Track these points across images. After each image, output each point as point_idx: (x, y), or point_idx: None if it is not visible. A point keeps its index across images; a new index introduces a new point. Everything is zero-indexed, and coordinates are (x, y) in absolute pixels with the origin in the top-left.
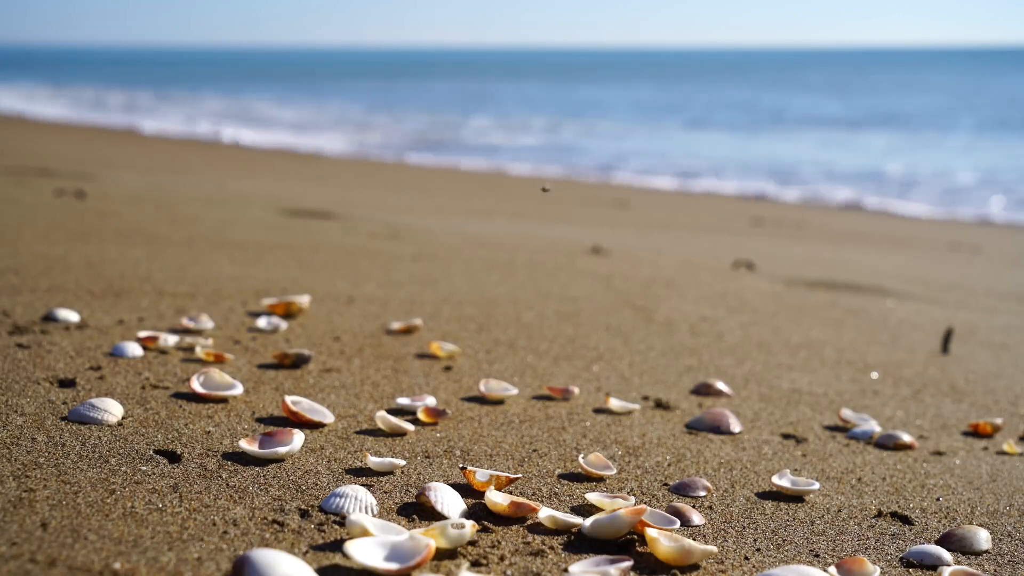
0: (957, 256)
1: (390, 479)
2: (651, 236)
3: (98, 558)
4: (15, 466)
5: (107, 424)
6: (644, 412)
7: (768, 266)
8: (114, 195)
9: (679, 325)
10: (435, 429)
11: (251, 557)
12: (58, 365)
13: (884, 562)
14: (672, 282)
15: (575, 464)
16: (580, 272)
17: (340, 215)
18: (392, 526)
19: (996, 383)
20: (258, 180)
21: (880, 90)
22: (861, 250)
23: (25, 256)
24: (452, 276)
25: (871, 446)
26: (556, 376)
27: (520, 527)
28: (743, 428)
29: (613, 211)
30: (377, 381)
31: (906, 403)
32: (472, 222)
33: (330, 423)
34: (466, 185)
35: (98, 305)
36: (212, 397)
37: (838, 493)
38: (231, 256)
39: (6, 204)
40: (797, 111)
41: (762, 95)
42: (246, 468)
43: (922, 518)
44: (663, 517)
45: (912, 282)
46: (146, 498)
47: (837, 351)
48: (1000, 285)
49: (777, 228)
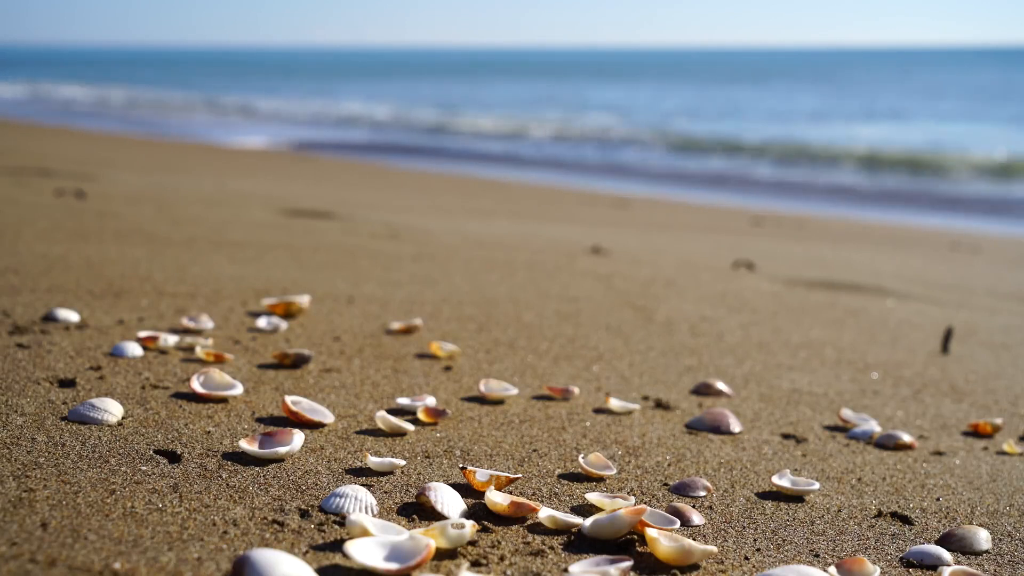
0: (957, 256)
1: (390, 479)
2: (651, 236)
3: (98, 558)
4: (15, 466)
5: (107, 424)
6: (644, 412)
7: (768, 266)
8: (114, 195)
9: (679, 325)
10: (435, 429)
11: (251, 557)
12: (58, 365)
13: (884, 562)
14: (672, 282)
15: (575, 464)
16: (580, 272)
17: (340, 215)
18: (392, 526)
19: (996, 383)
20: (258, 180)
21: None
22: (861, 250)
23: (25, 256)
24: (452, 276)
25: (871, 446)
26: (556, 376)
27: (520, 527)
28: (743, 428)
29: (613, 211)
30: (377, 381)
31: (906, 403)
32: (472, 222)
33: (330, 423)
34: (466, 185)
35: (98, 305)
36: (212, 397)
37: (838, 493)
38: (231, 256)
39: (6, 204)
40: (801, 110)
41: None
42: (246, 468)
43: (922, 518)
44: (663, 517)
45: (912, 282)
46: (146, 498)
47: (837, 351)
48: (1000, 285)
49: (777, 228)
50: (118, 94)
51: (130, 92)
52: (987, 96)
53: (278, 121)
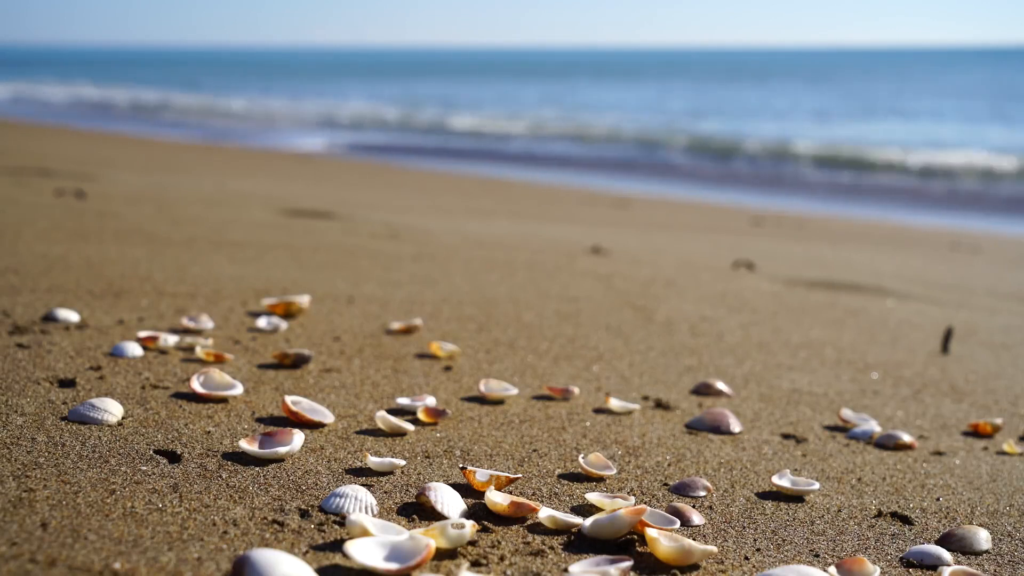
0: (957, 256)
1: (390, 479)
2: (651, 236)
3: (98, 558)
4: (15, 466)
5: (107, 424)
6: (644, 412)
7: (768, 266)
8: (114, 195)
9: (679, 325)
10: (435, 429)
11: (251, 557)
12: (58, 365)
13: (884, 562)
14: (672, 282)
15: (575, 464)
16: (580, 272)
17: (340, 215)
18: (392, 526)
19: (996, 383)
20: (258, 180)
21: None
22: (861, 250)
23: (25, 256)
24: (452, 276)
25: (871, 446)
26: (556, 376)
27: (520, 527)
28: (743, 428)
29: (613, 211)
30: (377, 381)
31: (906, 403)
32: (472, 222)
33: (330, 423)
34: (466, 185)
35: (98, 305)
36: (212, 397)
37: (838, 493)
38: (231, 256)
39: (6, 204)
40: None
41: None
42: (246, 468)
43: (922, 518)
44: (663, 517)
45: (912, 282)
46: (146, 498)
47: (837, 351)
48: (1000, 285)
49: (777, 228)
50: (148, 96)
51: (162, 94)
52: (986, 96)
53: (318, 124)
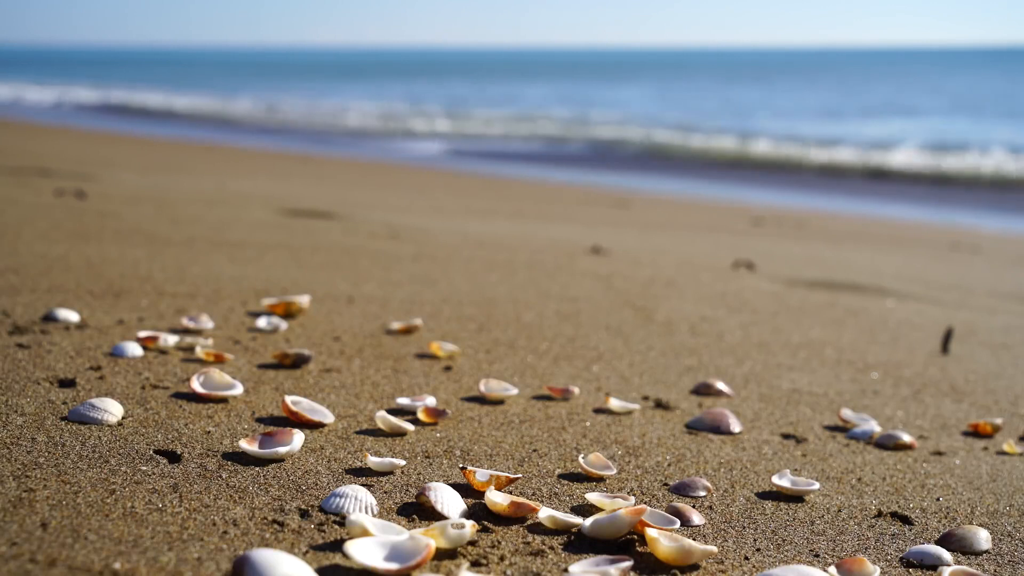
0: (957, 256)
1: (390, 479)
2: (651, 236)
3: (98, 558)
4: (15, 466)
5: (107, 424)
6: (644, 412)
7: (768, 266)
8: (114, 195)
9: (679, 325)
10: (435, 429)
11: (251, 557)
12: (58, 365)
13: (884, 562)
14: (672, 282)
15: (575, 464)
16: (580, 272)
17: (340, 215)
18: (392, 526)
19: (996, 383)
20: (258, 180)
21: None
22: (861, 250)
23: (25, 256)
24: (452, 276)
25: (871, 446)
26: (556, 376)
27: (520, 527)
28: (743, 428)
29: (613, 211)
30: (377, 381)
31: (906, 403)
32: (472, 222)
33: (330, 423)
34: (466, 185)
35: (98, 305)
36: (212, 397)
37: (838, 493)
38: (231, 256)
39: (6, 204)
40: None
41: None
42: (246, 468)
43: (922, 518)
44: (663, 517)
45: (912, 282)
46: (146, 498)
47: (837, 351)
48: (1000, 285)
49: (777, 228)
50: (206, 103)
51: (195, 98)
52: (988, 96)
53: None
